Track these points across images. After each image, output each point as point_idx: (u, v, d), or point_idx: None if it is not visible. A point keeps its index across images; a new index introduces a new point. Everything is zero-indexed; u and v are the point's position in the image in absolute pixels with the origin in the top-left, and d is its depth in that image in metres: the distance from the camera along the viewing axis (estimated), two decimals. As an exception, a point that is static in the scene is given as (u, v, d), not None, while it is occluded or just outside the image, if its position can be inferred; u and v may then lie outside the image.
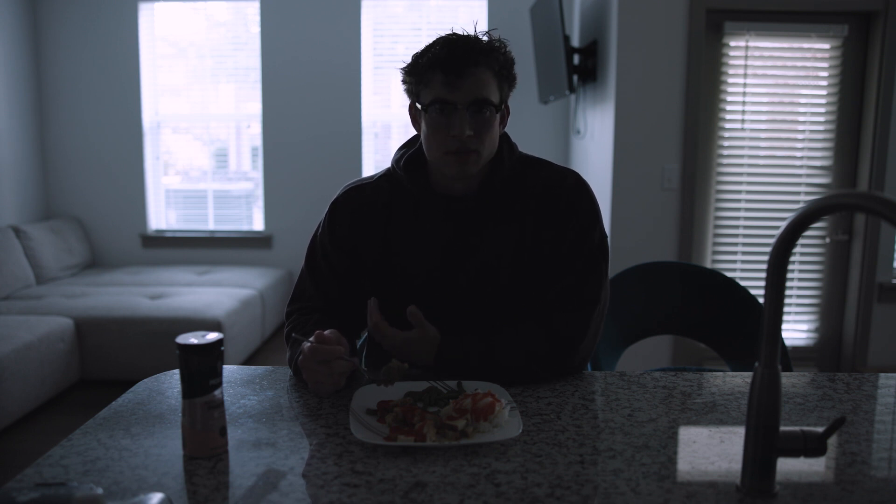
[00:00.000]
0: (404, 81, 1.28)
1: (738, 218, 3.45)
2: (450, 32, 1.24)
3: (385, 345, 1.26)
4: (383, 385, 1.13)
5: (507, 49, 1.25)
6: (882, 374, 1.32)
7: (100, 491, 0.74)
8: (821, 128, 3.41)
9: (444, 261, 1.32)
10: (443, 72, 1.20)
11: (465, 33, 1.23)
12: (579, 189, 1.32)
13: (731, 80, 3.36)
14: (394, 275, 1.34)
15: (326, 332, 1.15)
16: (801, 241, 3.04)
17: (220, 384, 0.96)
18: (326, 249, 1.38)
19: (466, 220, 1.32)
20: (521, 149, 1.40)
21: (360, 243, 1.35)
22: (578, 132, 4.22)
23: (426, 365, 1.26)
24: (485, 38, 1.23)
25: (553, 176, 1.33)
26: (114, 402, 1.15)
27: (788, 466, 0.92)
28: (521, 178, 1.34)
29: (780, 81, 3.39)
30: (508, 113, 1.31)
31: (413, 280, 1.33)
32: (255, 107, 4.86)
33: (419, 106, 1.26)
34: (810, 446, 0.85)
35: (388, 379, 1.12)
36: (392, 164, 1.37)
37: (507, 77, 1.25)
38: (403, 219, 1.34)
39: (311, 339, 1.15)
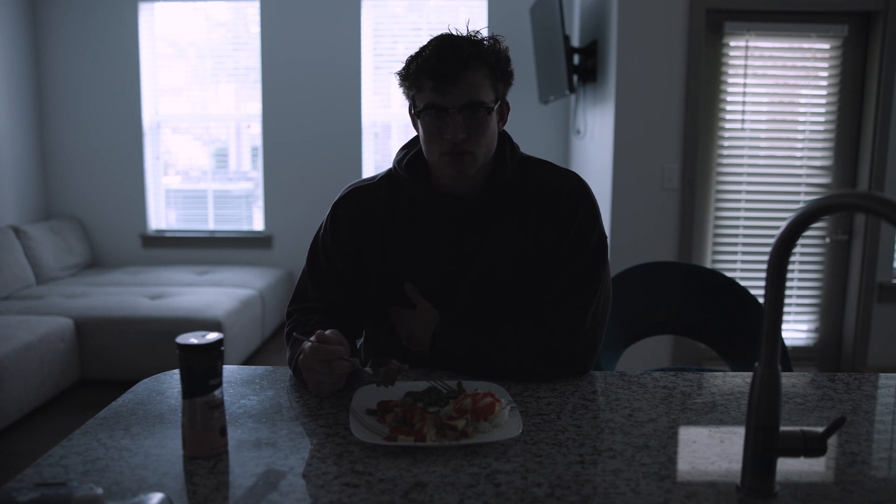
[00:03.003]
0: (400, 85, 1.28)
1: (738, 218, 3.45)
2: (442, 33, 1.24)
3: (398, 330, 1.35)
4: (382, 386, 1.13)
5: (501, 46, 1.25)
6: (882, 374, 1.32)
7: (100, 491, 0.74)
8: (821, 128, 3.41)
9: (446, 262, 1.32)
10: (432, 78, 1.20)
11: (458, 33, 1.23)
12: (580, 191, 1.33)
13: (731, 80, 3.36)
14: (396, 276, 1.34)
15: (327, 332, 1.15)
16: (801, 241, 3.04)
17: (220, 384, 0.96)
18: (328, 250, 1.38)
19: (468, 220, 1.32)
20: (521, 149, 1.40)
21: (362, 244, 1.35)
22: (578, 132, 4.22)
23: (422, 350, 1.31)
24: (477, 38, 1.23)
25: (554, 178, 1.34)
26: (114, 402, 1.15)
27: (788, 466, 0.92)
28: (523, 180, 1.34)
29: (780, 81, 3.39)
30: (508, 109, 1.31)
31: (415, 281, 1.33)
32: (255, 107, 4.86)
33: (414, 110, 1.27)
34: (810, 446, 0.85)
35: (387, 380, 1.12)
36: (394, 165, 1.38)
37: (501, 75, 1.25)
38: (405, 219, 1.34)
39: (311, 338, 1.15)
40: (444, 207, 1.32)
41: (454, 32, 1.24)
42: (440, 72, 1.19)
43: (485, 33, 1.24)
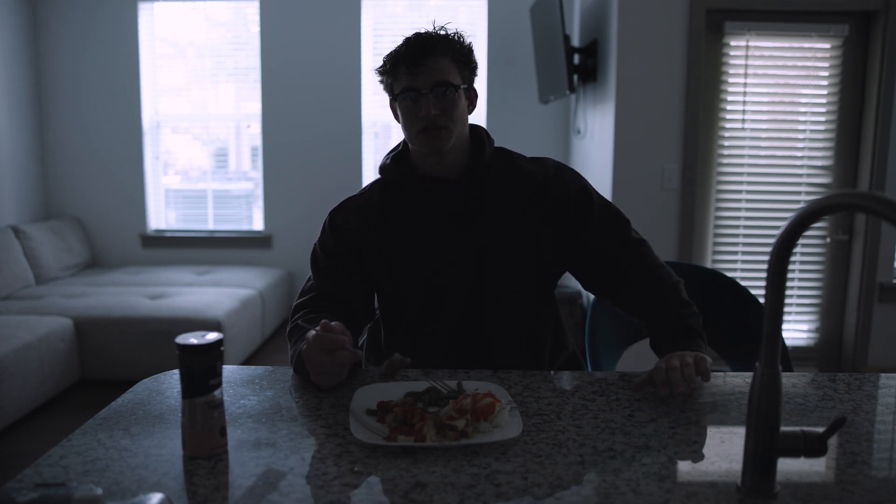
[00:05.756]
0: (381, 81, 1.41)
1: (738, 218, 3.45)
2: (412, 33, 1.39)
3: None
4: (385, 379, 1.13)
5: (463, 38, 1.40)
6: (882, 375, 1.32)
7: (99, 491, 0.74)
8: (821, 127, 3.41)
9: (442, 246, 1.39)
10: (405, 65, 1.34)
11: (425, 31, 1.38)
12: (562, 168, 1.46)
13: (731, 80, 3.36)
14: (397, 268, 1.40)
15: (332, 323, 1.16)
16: (801, 241, 3.04)
17: (219, 384, 0.96)
18: (327, 248, 1.43)
19: (458, 204, 1.40)
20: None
21: (361, 242, 1.41)
22: (578, 132, 4.22)
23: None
24: (441, 32, 1.38)
25: (537, 166, 1.45)
26: (114, 402, 1.15)
27: (788, 466, 0.92)
28: (503, 163, 1.45)
29: (781, 81, 3.39)
30: (476, 95, 1.44)
31: (418, 270, 1.39)
32: (254, 107, 4.86)
33: (392, 96, 1.40)
34: (811, 446, 0.85)
35: (390, 373, 1.13)
36: (380, 164, 1.48)
37: (466, 62, 1.38)
38: (399, 215, 1.42)
39: (315, 327, 1.17)
40: (432, 191, 1.40)
41: (422, 31, 1.39)
42: (412, 59, 1.34)
43: (450, 28, 1.39)
